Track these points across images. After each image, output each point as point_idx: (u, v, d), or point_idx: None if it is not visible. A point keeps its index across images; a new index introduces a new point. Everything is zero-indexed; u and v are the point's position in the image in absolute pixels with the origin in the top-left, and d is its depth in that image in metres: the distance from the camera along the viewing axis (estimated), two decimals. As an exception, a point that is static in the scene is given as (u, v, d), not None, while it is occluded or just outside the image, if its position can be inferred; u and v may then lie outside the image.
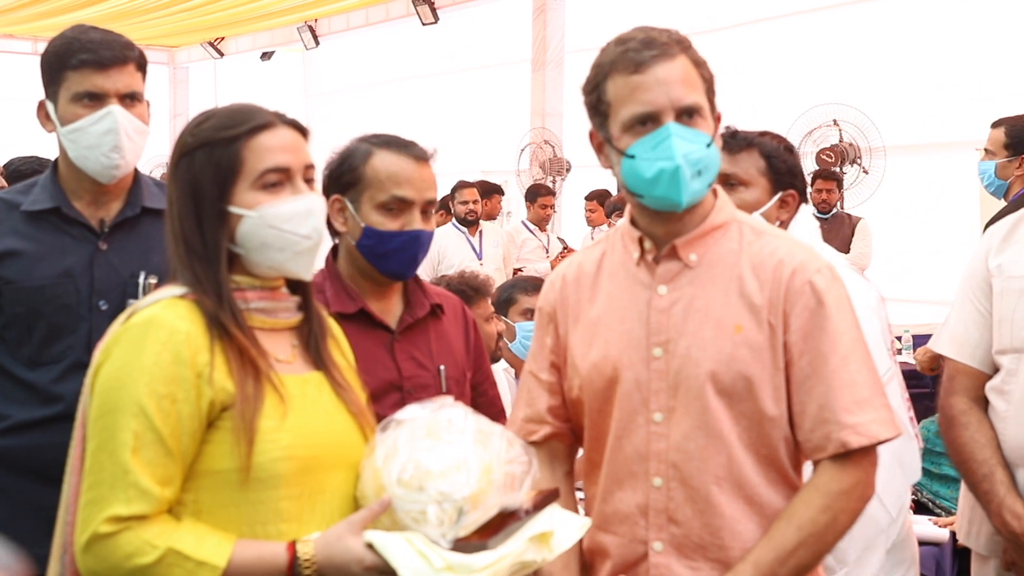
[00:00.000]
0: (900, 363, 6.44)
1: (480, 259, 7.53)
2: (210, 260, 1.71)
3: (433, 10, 10.10)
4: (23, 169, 4.02)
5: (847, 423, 1.77)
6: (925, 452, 3.71)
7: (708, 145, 1.80)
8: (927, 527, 3.37)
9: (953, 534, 3.36)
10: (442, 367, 2.26)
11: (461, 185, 7.80)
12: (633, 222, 1.92)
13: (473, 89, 10.97)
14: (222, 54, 13.09)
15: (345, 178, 2.19)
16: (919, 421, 4.00)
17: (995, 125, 4.60)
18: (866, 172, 8.03)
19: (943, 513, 3.56)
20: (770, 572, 1.76)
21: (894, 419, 1.82)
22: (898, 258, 7.98)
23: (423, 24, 10.22)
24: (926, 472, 3.69)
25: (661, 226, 1.86)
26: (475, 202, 7.65)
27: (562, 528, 1.76)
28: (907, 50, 8.21)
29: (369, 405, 1.87)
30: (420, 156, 2.20)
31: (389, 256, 2.18)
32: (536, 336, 2.03)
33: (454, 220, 7.75)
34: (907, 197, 8.09)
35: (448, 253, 7.43)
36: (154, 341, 1.63)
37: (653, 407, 1.84)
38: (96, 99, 2.31)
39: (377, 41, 11.77)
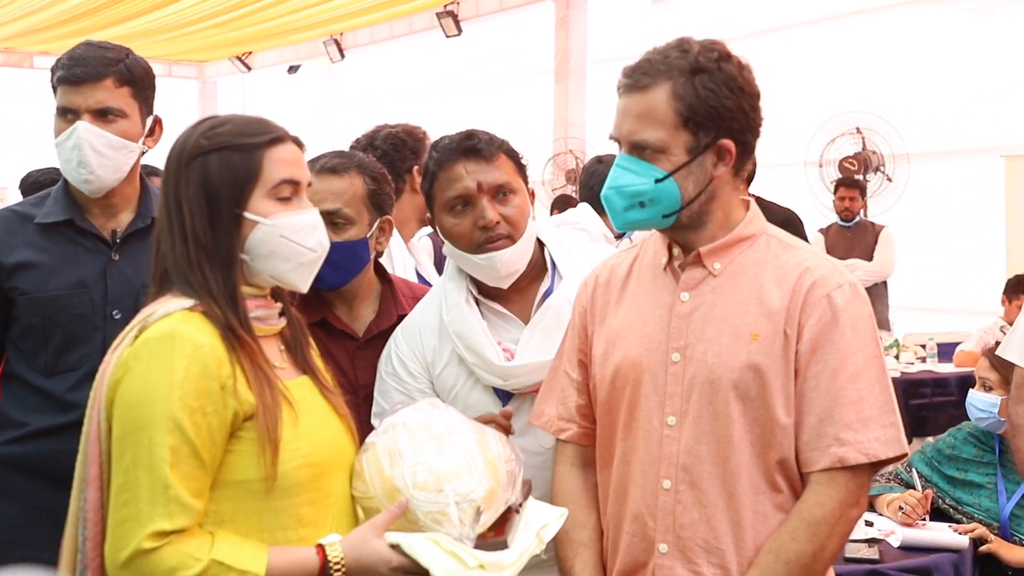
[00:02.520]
0: (924, 371, 6.48)
1: None
2: (224, 265, 1.73)
3: (456, 22, 10.17)
4: (42, 180, 4.07)
5: (848, 439, 1.77)
6: (951, 458, 3.71)
7: (658, 180, 1.81)
8: (947, 534, 3.35)
9: (974, 542, 3.36)
10: None
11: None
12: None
13: (496, 100, 11.02)
14: (250, 68, 13.22)
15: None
16: (945, 429, 4.01)
17: None
18: (889, 180, 8.01)
19: (964, 519, 3.55)
20: None
21: (900, 438, 1.81)
22: (922, 266, 7.96)
23: (447, 36, 10.29)
24: (950, 479, 3.69)
25: (682, 236, 1.90)
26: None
27: (549, 520, 1.83)
28: (930, 57, 8.19)
29: (349, 406, 1.91)
30: (323, 168, 2.27)
31: None
32: (568, 335, 2.07)
33: None
34: (931, 204, 8.06)
35: None
36: (181, 355, 1.64)
37: (667, 410, 1.86)
38: (72, 114, 2.35)
39: (401, 53, 11.86)
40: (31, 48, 11.61)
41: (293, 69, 12.71)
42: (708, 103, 1.80)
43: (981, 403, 3.64)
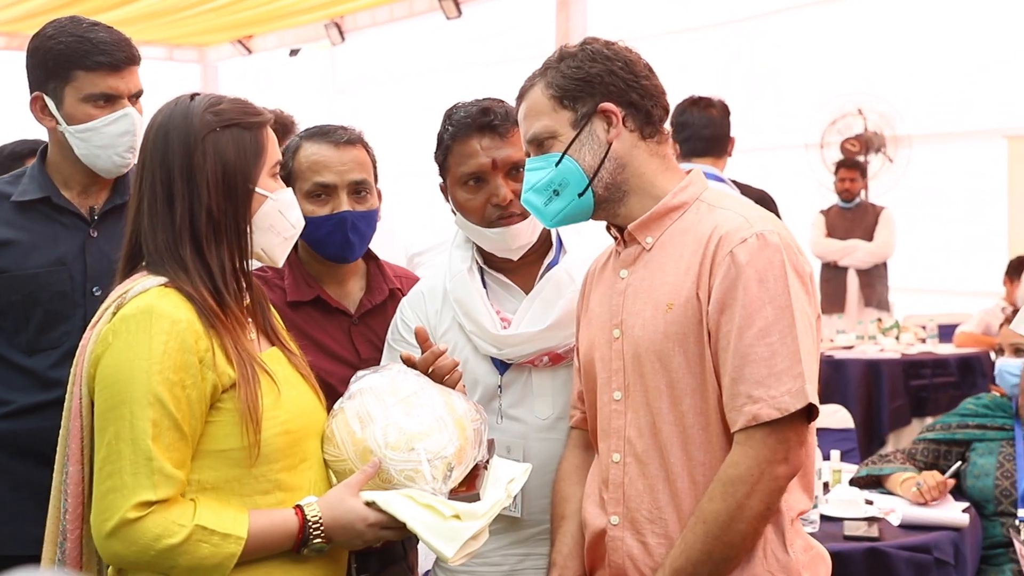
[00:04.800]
0: (924, 352, 6.50)
1: None
2: (236, 238, 1.79)
3: (457, 4, 10.11)
4: (19, 150, 4.08)
5: (759, 396, 1.76)
6: (973, 411, 3.68)
7: (557, 163, 1.89)
8: (947, 512, 3.33)
9: (975, 519, 3.36)
10: None
11: None
12: None
13: (498, 83, 10.99)
14: (251, 51, 13.18)
15: (282, 172, 2.27)
16: (946, 410, 4.02)
17: None
18: (891, 160, 8.01)
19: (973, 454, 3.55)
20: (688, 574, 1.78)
21: (806, 388, 1.76)
22: (924, 247, 7.95)
23: (447, 18, 10.26)
24: (965, 427, 3.66)
25: (612, 215, 1.95)
26: None
27: (515, 474, 1.90)
28: (933, 38, 8.15)
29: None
30: (339, 140, 2.28)
31: (324, 242, 2.26)
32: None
33: None
34: (933, 186, 8.04)
35: None
36: (160, 331, 1.69)
37: (614, 385, 1.91)
38: (111, 100, 2.36)
39: (402, 36, 11.81)
40: (33, 32, 11.60)
41: (294, 52, 12.67)
42: (574, 77, 1.90)
43: (1013, 367, 3.63)
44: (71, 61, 2.35)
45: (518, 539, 2.19)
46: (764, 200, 4.94)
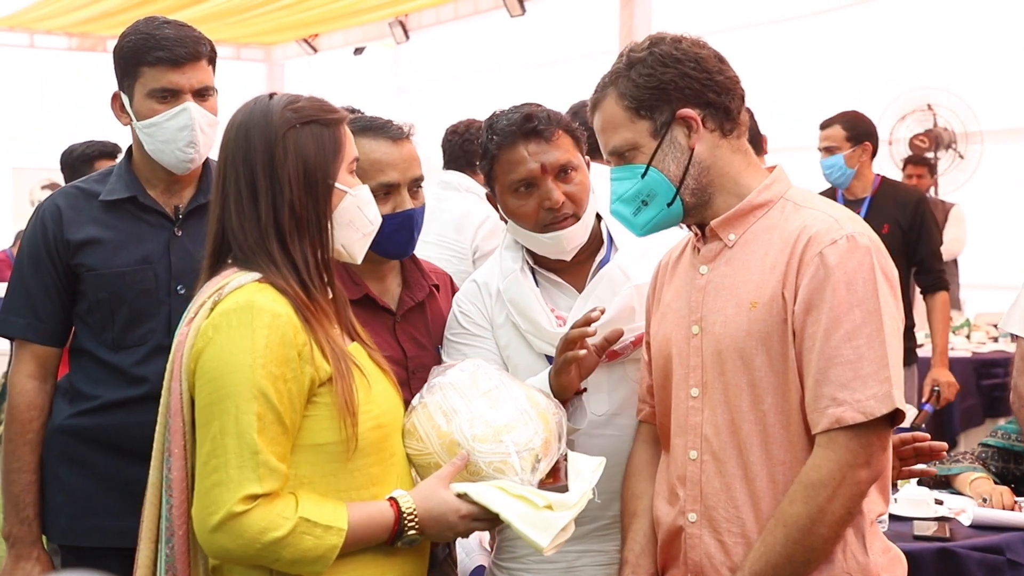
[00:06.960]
0: (996, 351, 6.37)
1: None
2: (318, 233, 1.81)
3: (521, 2, 10.14)
4: (89, 152, 4.18)
5: (844, 399, 1.74)
6: None
7: (643, 175, 1.89)
8: (1019, 514, 3.27)
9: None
10: (440, 346, 2.32)
11: None
12: None
13: (561, 80, 10.99)
14: (316, 50, 13.32)
15: None
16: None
17: (826, 125, 4.97)
18: (962, 157, 7.87)
19: None
20: None
21: (892, 393, 1.75)
22: (995, 245, 7.80)
23: (511, 16, 10.28)
24: None
25: (701, 217, 1.94)
26: None
27: (593, 466, 1.91)
28: (1005, 31, 8.00)
29: (400, 381, 1.97)
30: (398, 136, 2.24)
31: (385, 240, 2.19)
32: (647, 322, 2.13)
33: None
34: (1006, 182, 7.89)
35: None
36: (261, 325, 1.71)
37: (691, 382, 1.91)
38: (172, 95, 2.39)
39: (466, 34, 11.86)
40: (104, 32, 11.83)
41: (359, 51, 12.78)
42: (647, 86, 1.87)
43: None
44: (137, 57, 2.39)
45: (574, 535, 2.18)
46: (922, 201, 5.10)
